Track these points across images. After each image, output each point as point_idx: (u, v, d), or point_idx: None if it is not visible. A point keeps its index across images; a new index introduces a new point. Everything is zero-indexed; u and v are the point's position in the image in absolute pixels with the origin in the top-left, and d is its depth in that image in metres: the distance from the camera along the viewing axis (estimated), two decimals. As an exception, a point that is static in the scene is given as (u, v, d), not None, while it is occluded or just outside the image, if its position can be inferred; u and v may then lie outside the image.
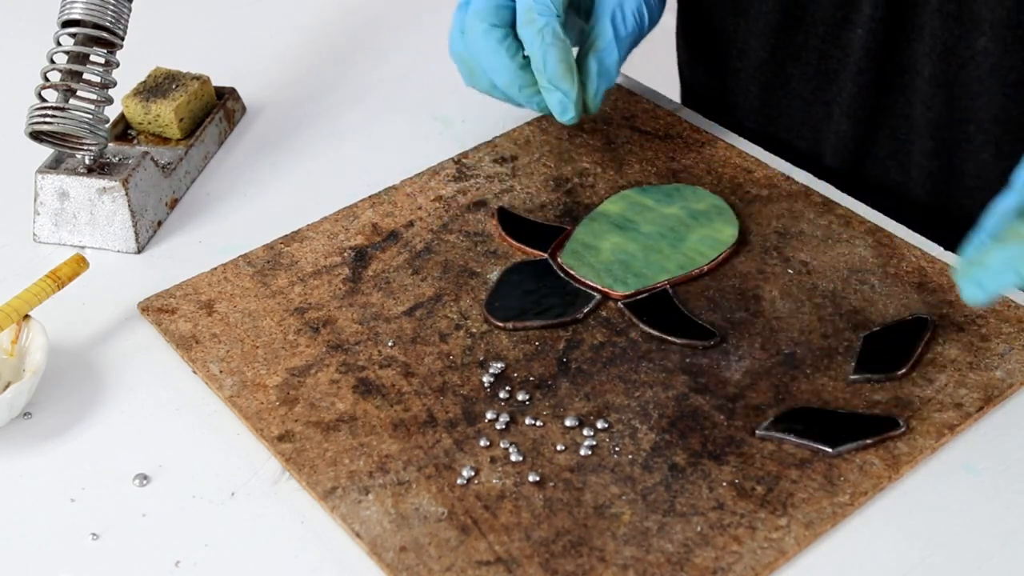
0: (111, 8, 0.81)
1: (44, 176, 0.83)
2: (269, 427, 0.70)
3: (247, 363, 0.74)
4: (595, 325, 0.76)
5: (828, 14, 0.88)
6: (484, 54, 0.82)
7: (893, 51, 0.86)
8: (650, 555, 0.63)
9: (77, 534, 0.66)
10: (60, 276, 0.76)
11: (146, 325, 0.78)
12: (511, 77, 0.82)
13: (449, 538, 0.64)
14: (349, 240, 0.83)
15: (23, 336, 0.74)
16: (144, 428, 0.72)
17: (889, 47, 0.86)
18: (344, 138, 0.94)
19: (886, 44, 0.86)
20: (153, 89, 0.91)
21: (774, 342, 0.74)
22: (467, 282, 0.79)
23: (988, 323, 0.75)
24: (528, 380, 0.73)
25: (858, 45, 0.86)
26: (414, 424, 0.70)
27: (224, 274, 0.80)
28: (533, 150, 0.90)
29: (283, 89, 1.00)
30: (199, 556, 0.65)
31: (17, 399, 0.70)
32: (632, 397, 0.71)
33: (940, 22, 0.82)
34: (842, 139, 0.91)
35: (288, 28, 1.08)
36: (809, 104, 0.92)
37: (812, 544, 0.64)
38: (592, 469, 0.67)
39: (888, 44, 0.85)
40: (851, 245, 0.80)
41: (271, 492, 0.68)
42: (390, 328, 0.76)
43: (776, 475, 0.67)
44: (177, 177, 0.88)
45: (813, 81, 0.91)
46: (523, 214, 0.84)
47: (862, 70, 0.87)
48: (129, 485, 0.68)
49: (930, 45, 0.83)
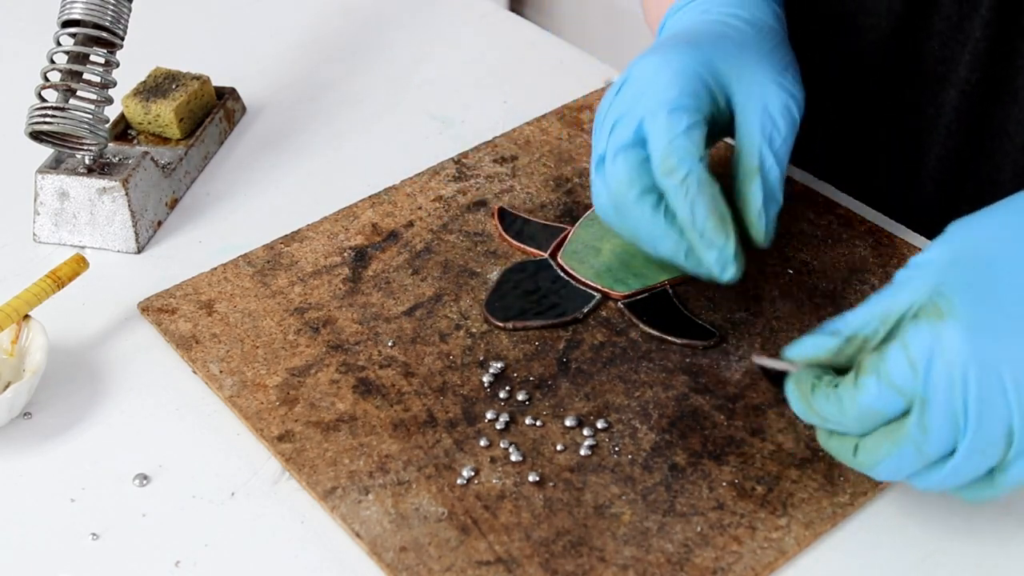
0: (111, 8, 0.81)
1: (44, 176, 0.83)
2: (269, 427, 0.70)
3: (247, 363, 0.74)
4: (595, 325, 0.76)
5: (930, 68, 0.84)
6: (641, 227, 0.72)
7: (986, 115, 0.83)
8: (650, 555, 0.63)
9: (77, 534, 0.66)
10: (60, 276, 0.76)
11: (146, 325, 0.78)
12: (675, 245, 0.71)
13: (449, 538, 0.64)
14: (349, 240, 0.83)
15: (23, 336, 0.74)
16: (144, 428, 0.72)
17: (982, 111, 0.83)
18: (344, 138, 0.94)
19: (979, 107, 0.82)
20: (153, 89, 0.91)
21: (774, 342, 0.74)
22: (467, 282, 0.79)
23: (988, 323, 0.74)
24: (528, 380, 0.73)
25: (950, 107, 0.83)
26: (414, 424, 0.70)
27: (224, 274, 0.81)
28: (533, 150, 0.90)
29: (283, 89, 1.00)
30: (199, 556, 0.65)
31: (17, 399, 0.70)
32: (632, 397, 0.71)
33: None
34: (926, 200, 0.88)
35: (288, 28, 1.08)
36: (895, 162, 0.89)
37: (812, 544, 0.64)
38: (592, 469, 0.67)
39: (981, 108, 0.82)
40: (851, 245, 0.80)
41: (271, 492, 0.68)
42: (390, 328, 0.76)
43: (776, 475, 0.67)
44: (177, 177, 0.88)
45: (902, 138, 0.88)
46: (523, 214, 0.84)
47: (952, 133, 0.84)
48: (129, 485, 0.68)
49: None
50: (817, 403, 0.61)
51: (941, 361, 0.57)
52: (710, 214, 0.70)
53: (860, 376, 0.60)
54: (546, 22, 2.12)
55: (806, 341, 0.63)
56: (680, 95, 0.71)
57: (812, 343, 0.62)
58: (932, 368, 0.58)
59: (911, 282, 0.61)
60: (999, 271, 0.59)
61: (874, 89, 0.89)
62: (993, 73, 0.81)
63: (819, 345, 0.62)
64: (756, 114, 0.72)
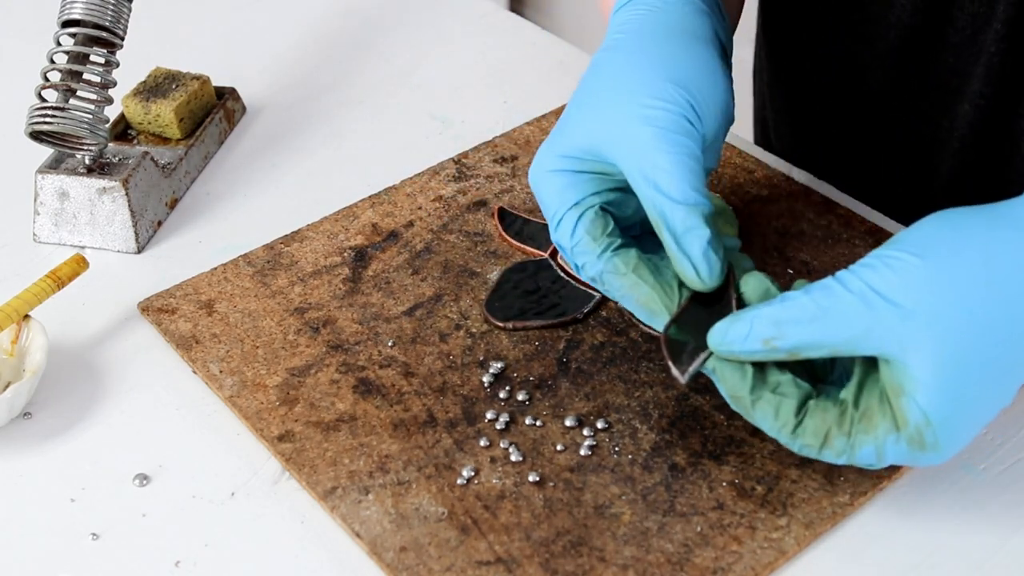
0: (111, 8, 0.81)
1: (44, 176, 0.83)
2: (269, 427, 0.70)
3: (247, 363, 0.74)
4: (595, 325, 0.76)
5: (944, 81, 0.83)
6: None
7: (999, 128, 0.82)
8: (650, 555, 0.63)
9: (77, 534, 0.66)
10: (60, 276, 0.76)
11: (146, 325, 0.78)
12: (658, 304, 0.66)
13: (449, 538, 0.64)
14: (349, 240, 0.83)
15: (23, 336, 0.74)
16: (144, 428, 0.72)
17: (996, 124, 0.82)
18: (344, 138, 0.94)
19: (993, 120, 0.82)
20: (153, 89, 0.91)
21: (774, 342, 0.74)
22: (467, 282, 0.79)
23: (988, 323, 0.74)
24: (528, 380, 0.73)
25: (963, 120, 0.83)
26: (414, 424, 0.70)
27: (224, 274, 0.81)
28: (533, 150, 0.90)
29: (283, 89, 1.00)
30: (199, 556, 0.65)
31: (17, 399, 0.70)
32: (632, 397, 0.71)
33: None
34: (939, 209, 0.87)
35: (288, 28, 1.08)
36: (908, 173, 0.89)
37: (812, 544, 0.64)
38: (592, 469, 0.67)
39: (995, 121, 0.82)
40: (851, 245, 0.80)
41: (271, 492, 0.68)
42: (390, 328, 0.76)
43: (776, 475, 0.67)
44: (177, 177, 0.88)
45: (915, 150, 0.87)
46: (523, 214, 0.84)
47: (966, 145, 0.84)
48: (129, 485, 0.68)
49: None
50: (804, 434, 0.62)
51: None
52: (636, 307, 0.66)
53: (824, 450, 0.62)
54: (546, 22, 2.12)
55: (735, 339, 0.61)
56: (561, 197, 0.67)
57: (744, 347, 0.61)
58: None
59: (881, 322, 0.59)
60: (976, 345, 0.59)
61: (888, 101, 0.88)
62: (1007, 86, 0.81)
63: (751, 350, 0.61)
64: (635, 166, 0.65)
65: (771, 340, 0.60)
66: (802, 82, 0.95)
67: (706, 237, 0.64)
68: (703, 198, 0.65)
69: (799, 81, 0.96)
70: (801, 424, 0.61)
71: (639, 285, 0.66)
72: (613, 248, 0.66)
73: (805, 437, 0.62)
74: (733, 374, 0.62)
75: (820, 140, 0.95)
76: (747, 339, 0.61)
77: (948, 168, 0.86)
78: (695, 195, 0.64)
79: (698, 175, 0.65)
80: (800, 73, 0.95)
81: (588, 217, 0.67)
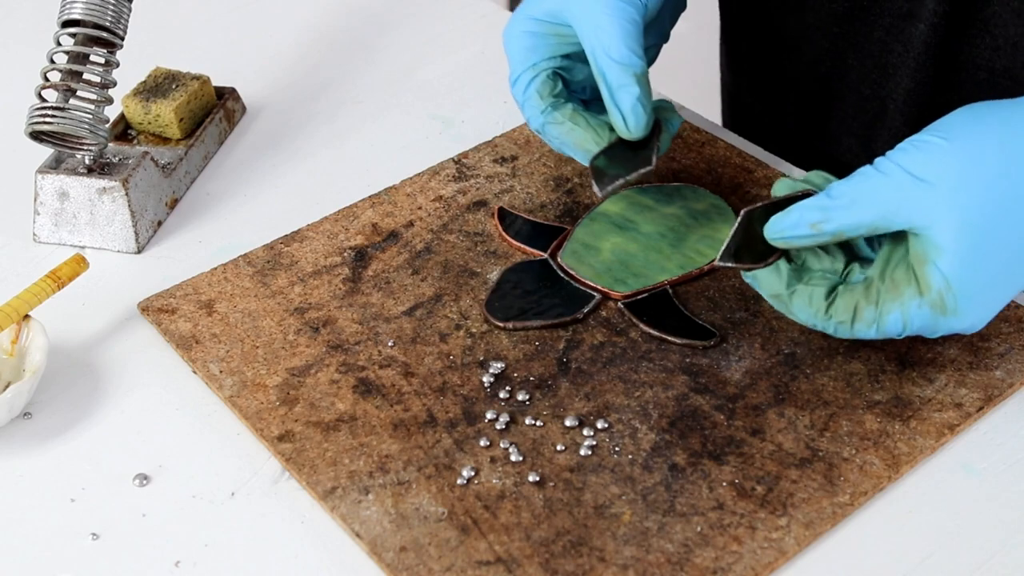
0: (111, 8, 0.81)
1: (44, 176, 0.83)
2: (269, 427, 0.70)
3: (247, 363, 0.74)
4: (595, 325, 0.76)
5: (897, 5, 0.87)
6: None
7: (954, 48, 0.85)
8: (650, 555, 0.63)
9: (77, 534, 0.66)
10: (60, 276, 0.76)
11: (146, 325, 0.78)
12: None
13: (449, 538, 0.64)
14: (349, 240, 0.83)
15: (23, 336, 0.74)
16: (144, 428, 0.72)
17: (950, 44, 0.85)
18: (344, 138, 0.94)
19: (947, 41, 0.85)
20: (153, 89, 0.91)
21: (774, 342, 0.74)
22: (467, 282, 0.79)
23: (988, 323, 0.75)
24: (528, 380, 0.73)
25: (918, 40, 0.86)
26: (414, 424, 0.70)
27: (224, 274, 0.81)
28: (533, 150, 0.90)
29: (283, 89, 1.00)
30: (199, 556, 0.65)
31: (17, 399, 0.70)
32: (632, 397, 0.71)
33: (1009, 17, 0.82)
34: (896, 136, 0.90)
35: (288, 28, 1.08)
36: (865, 99, 0.92)
37: (812, 544, 0.64)
38: (592, 469, 0.67)
39: (949, 41, 0.85)
40: (851, 245, 0.80)
41: (271, 492, 0.68)
42: (390, 328, 0.76)
43: (776, 475, 0.67)
44: (177, 177, 0.88)
45: (872, 75, 0.91)
46: (523, 214, 0.84)
47: (921, 66, 0.87)
48: (129, 485, 0.68)
49: (999, 40, 0.83)
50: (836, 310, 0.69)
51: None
52: (574, 151, 0.80)
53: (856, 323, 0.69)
54: (546, 22, 2.11)
55: (787, 227, 0.68)
56: (523, 57, 0.80)
57: (795, 233, 0.68)
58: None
59: (910, 197, 0.65)
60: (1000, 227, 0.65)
61: (841, 28, 0.91)
62: (962, 4, 0.83)
63: (801, 235, 0.68)
64: (584, 26, 0.77)
65: (818, 224, 0.67)
66: (756, 20, 0.98)
67: (635, 94, 0.76)
68: (637, 59, 0.76)
69: (752, 22, 0.99)
70: (832, 304, 0.69)
71: (574, 130, 0.79)
72: (554, 106, 0.80)
73: (838, 315, 0.68)
74: (770, 277, 0.70)
75: (778, 76, 0.98)
76: (797, 225, 0.68)
77: (904, 90, 0.88)
78: (630, 55, 0.76)
79: (635, 38, 0.76)
80: (752, 6, 0.98)
81: (540, 79, 0.80)
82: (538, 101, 0.80)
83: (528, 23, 0.80)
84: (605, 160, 0.78)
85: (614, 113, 0.77)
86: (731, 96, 1.06)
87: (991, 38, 0.83)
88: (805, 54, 0.94)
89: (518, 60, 0.81)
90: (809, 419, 0.70)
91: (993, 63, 0.84)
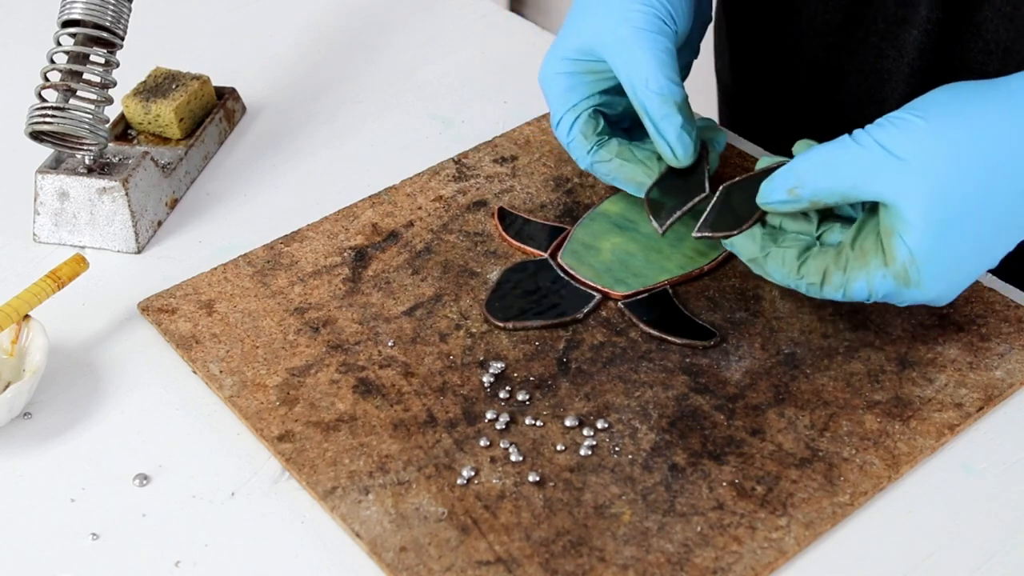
0: (111, 8, 0.81)
1: (44, 176, 0.83)
2: (269, 427, 0.70)
3: (247, 363, 0.74)
4: (595, 325, 0.76)
5: (890, 12, 0.87)
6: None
7: (947, 53, 0.86)
8: (650, 555, 0.63)
9: (77, 534, 0.66)
10: (60, 276, 0.76)
11: (146, 325, 0.78)
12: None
13: (449, 538, 0.64)
14: (349, 240, 0.83)
15: (23, 336, 0.74)
16: (144, 428, 0.72)
17: (943, 49, 0.86)
18: (344, 138, 0.94)
19: (940, 46, 0.86)
20: (153, 89, 0.91)
21: (774, 342, 0.74)
22: (467, 282, 0.79)
23: (988, 323, 0.75)
24: (528, 380, 0.73)
25: (912, 46, 0.87)
26: (414, 424, 0.70)
27: (224, 274, 0.81)
28: (533, 150, 0.90)
29: (283, 89, 1.00)
30: (199, 556, 0.65)
31: (17, 399, 0.70)
32: (632, 397, 0.71)
33: (1000, 22, 0.82)
34: None
35: (288, 28, 1.08)
36: (861, 103, 0.92)
37: (812, 544, 0.64)
38: (592, 469, 0.67)
39: (942, 46, 0.86)
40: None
41: (271, 492, 0.68)
42: (390, 328, 0.76)
43: (776, 475, 0.67)
44: (177, 177, 0.88)
45: (867, 80, 0.91)
46: (523, 214, 0.84)
47: (915, 71, 0.87)
48: (129, 485, 0.68)
49: (991, 45, 0.83)
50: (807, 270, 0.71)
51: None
52: (626, 184, 0.80)
53: (824, 286, 0.71)
54: (546, 22, 2.12)
55: (769, 192, 0.71)
56: (562, 99, 0.81)
57: (776, 199, 0.70)
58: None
59: (882, 170, 0.67)
60: (971, 208, 0.66)
61: (836, 37, 0.91)
62: (954, 10, 0.84)
63: (780, 200, 0.70)
64: (619, 61, 0.78)
65: (794, 189, 0.69)
66: (753, 22, 0.99)
67: (679, 123, 0.77)
68: (676, 87, 0.77)
69: (751, 22, 0.99)
70: (804, 264, 0.71)
71: (623, 166, 0.80)
72: (600, 144, 0.80)
73: (809, 276, 0.71)
74: (745, 242, 0.73)
75: (777, 87, 0.99)
76: (775, 190, 0.70)
77: (899, 95, 0.89)
78: (669, 84, 0.77)
79: (671, 66, 0.77)
80: (751, 14, 0.99)
81: (582, 119, 0.80)
82: (583, 142, 0.80)
83: (562, 64, 0.80)
84: (659, 192, 0.78)
85: (661, 144, 0.77)
86: (730, 97, 1.07)
87: (983, 42, 0.84)
88: (802, 61, 0.94)
89: (558, 103, 0.81)
90: (809, 419, 0.70)
91: (985, 67, 0.85)
